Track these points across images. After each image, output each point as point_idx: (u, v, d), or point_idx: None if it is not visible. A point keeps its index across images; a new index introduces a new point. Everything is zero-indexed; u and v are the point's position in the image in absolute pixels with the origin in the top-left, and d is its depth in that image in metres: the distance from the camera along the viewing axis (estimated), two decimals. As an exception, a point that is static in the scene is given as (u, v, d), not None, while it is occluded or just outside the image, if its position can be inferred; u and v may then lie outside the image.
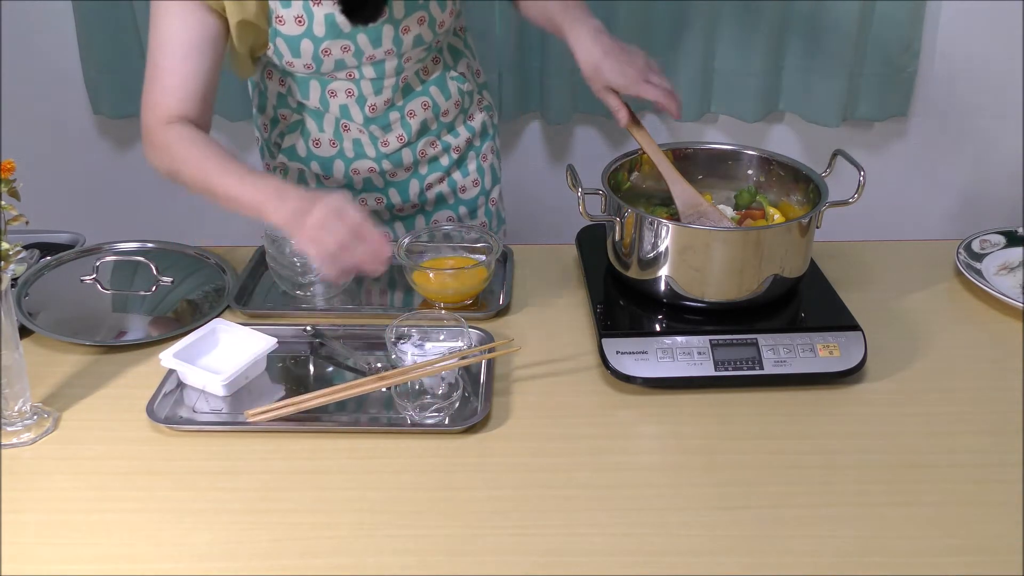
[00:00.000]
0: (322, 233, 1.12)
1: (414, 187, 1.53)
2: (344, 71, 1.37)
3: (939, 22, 2.18)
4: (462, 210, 1.58)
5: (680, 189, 1.31)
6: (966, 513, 0.96)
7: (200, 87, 1.28)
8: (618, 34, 1.37)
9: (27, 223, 1.02)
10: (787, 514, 0.96)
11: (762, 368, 1.14)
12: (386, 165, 1.49)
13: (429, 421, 1.09)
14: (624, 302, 1.26)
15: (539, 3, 1.42)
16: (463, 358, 1.14)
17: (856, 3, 2.09)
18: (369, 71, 1.38)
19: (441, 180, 1.54)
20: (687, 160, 1.37)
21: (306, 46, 1.31)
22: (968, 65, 2.23)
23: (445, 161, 1.53)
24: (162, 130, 1.27)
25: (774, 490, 0.99)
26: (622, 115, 1.34)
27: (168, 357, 1.14)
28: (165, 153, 1.27)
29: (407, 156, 1.49)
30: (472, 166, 1.56)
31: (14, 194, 1.00)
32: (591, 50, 1.31)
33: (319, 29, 1.30)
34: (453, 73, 1.48)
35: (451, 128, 1.52)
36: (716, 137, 2.30)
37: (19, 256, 1.01)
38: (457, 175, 1.55)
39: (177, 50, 1.26)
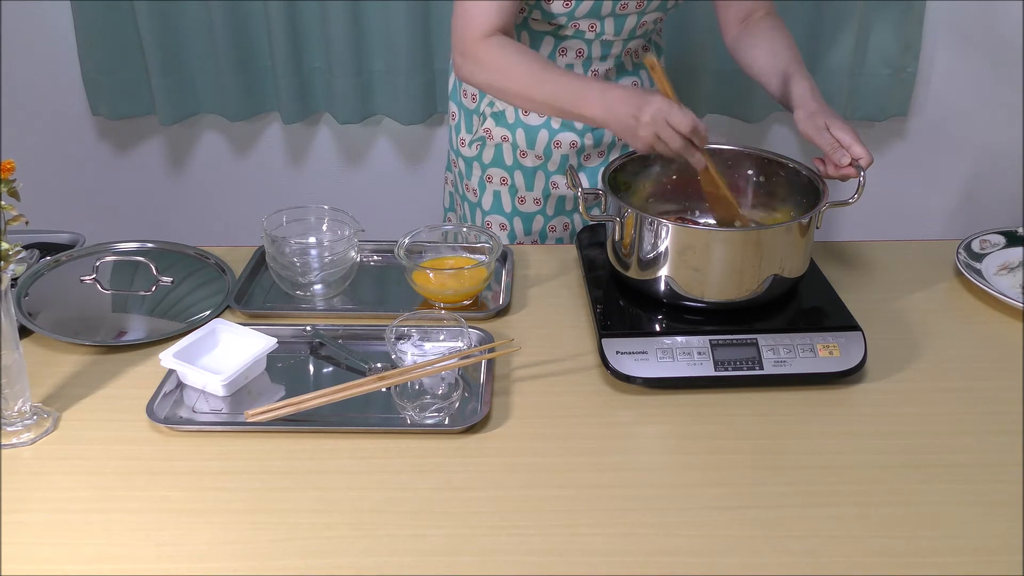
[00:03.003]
0: (659, 144, 1.24)
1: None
2: (591, 20, 1.40)
3: (939, 22, 2.18)
4: None
5: None
6: (966, 513, 0.96)
7: (511, 2, 1.35)
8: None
9: (27, 223, 1.02)
10: (787, 514, 0.96)
11: (762, 368, 1.14)
12: (588, 140, 1.53)
13: (429, 421, 1.09)
14: (624, 302, 1.26)
15: (772, 48, 1.47)
16: (463, 358, 1.14)
17: (856, 3, 2.09)
18: (610, 26, 1.42)
19: None
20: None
21: None
22: (967, 65, 2.23)
23: None
24: (481, 44, 1.34)
25: (774, 490, 0.99)
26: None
27: (168, 357, 1.14)
28: (483, 67, 1.35)
29: (607, 134, 1.53)
30: None
31: (14, 194, 1.00)
32: (817, 99, 1.33)
33: None
34: None
35: None
36: (716, 137, 2.30)
37: (19, 256, 1.01)
38: None
39: None
